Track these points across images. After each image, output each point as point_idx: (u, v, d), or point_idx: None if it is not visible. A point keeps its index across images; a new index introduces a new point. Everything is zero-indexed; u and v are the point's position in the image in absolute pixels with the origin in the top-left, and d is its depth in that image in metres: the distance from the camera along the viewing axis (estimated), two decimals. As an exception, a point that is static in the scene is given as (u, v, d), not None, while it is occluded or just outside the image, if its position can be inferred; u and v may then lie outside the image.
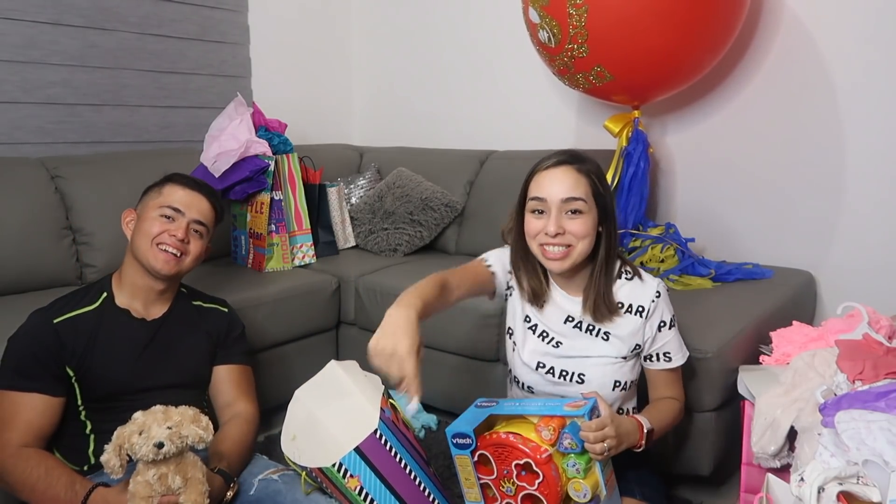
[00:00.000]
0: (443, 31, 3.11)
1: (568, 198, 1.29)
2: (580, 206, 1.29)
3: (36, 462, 1.29)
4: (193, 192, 1.50)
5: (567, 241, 1.30)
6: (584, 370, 1.37)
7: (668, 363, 1.40)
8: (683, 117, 2.47)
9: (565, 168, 1.31)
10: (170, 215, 1.46)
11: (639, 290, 1.38)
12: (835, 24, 2.13)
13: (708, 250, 2.41)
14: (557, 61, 2.05)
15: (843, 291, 2.13)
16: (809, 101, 2.20)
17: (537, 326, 1.42)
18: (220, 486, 1.32)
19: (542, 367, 1.40)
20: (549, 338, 1.41)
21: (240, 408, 1.53)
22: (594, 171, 1.33)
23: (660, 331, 1.38)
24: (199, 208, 1.50)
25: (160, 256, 1.43)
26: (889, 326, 1.46)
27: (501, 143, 2.89)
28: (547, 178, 1.31)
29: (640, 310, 1.36)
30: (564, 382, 1.39)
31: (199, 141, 2.46)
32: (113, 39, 2.52)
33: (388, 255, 2.61)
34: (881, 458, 0.98)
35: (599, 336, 1.38)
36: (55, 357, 1.36)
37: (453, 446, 1.26)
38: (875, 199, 2.13)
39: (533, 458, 1.16)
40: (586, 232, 1.30)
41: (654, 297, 1.36)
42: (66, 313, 1.40)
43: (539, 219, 1.32)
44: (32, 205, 2.08)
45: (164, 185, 1.50)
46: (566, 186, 1.29)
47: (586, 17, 1.88)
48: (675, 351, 1.40)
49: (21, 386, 1.34)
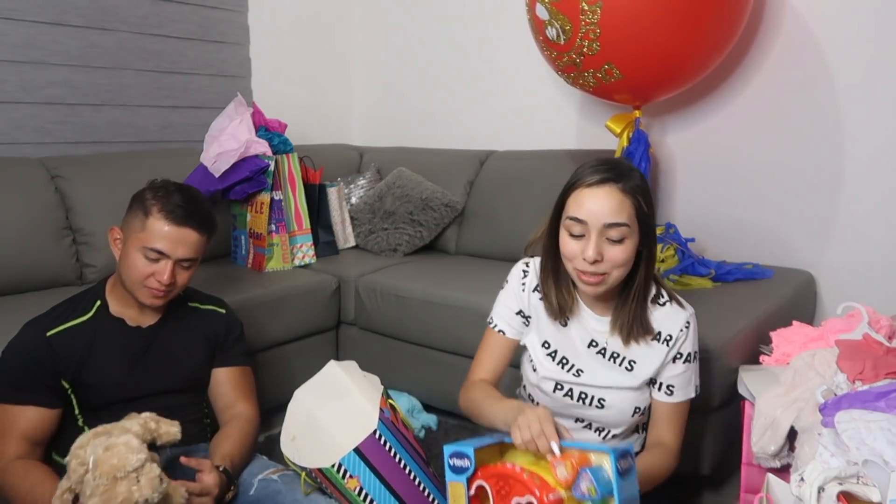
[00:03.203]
0: (443, 30, 3.11)
1: (610, 223, 1.17)
2: (623, 232, 1.18)
3: (22, 477, 1.28)
4: (179, 228, 1.37)
5: (605, 268, 1.20)
6: (604, 396, 1.31)
7: (669, 396, 1.31)
8: (684, 117, 2.47)
9: (609, 188, 1.18)
10: (154, 258, 1.36)
11: (671, 317, 1.30)
12: (836, 23, 2.13)
13: (708, 250, 2.41)
14: (565, 58, 2.04)
15: (843, 291, 2.13)
16: (810, 102, 2.20)
17: (557, 352, 1.34)
18: (224, 484, 1.32)
19: (559, 389, 1.33)
20: (570, 365, 1.33)
21: (240, 409, 1.53)
22: (640, 188, 1.20)
23: (673, 362, 1.30)
24: (187, 245, 1.39)
25: (147, 294, 1.39)
26: (889, 326, 1.46)
27: (501, 143, 2.89)
28: (588, 198, 1.18)
29: (667, 338, 1.29)
30: (583, 406, 1.32)
31: (199, 141, 2.46)
32: (113, 39, 2.52)
33: (388, 255, 2.61)
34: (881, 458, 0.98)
35: (623, 366, 1.30)
36: (50, 370, 1.35)
37: (449, 469, 1.07)
38: (875, 199, 2.12)
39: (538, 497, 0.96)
40: (627, 259, 1.20)
41: (683, 327, 1.29)
42: (60, 325, 1.38)
43: (577, 241, 1.20)
44: (32, 205, 2.08)
45: (147, 216, 1.37)
46: (609, 210, 1.17)
47: (600, 14, 1.87)
48: (679, 386, 1.31)
49: (16, 399, 1.33)
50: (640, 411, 1.33)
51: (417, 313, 2.14)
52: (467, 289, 2.12)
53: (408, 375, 2.23)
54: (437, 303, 2.09)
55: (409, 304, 2.16)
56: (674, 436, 1.32)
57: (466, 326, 2.03)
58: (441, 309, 2.08)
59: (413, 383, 2.23)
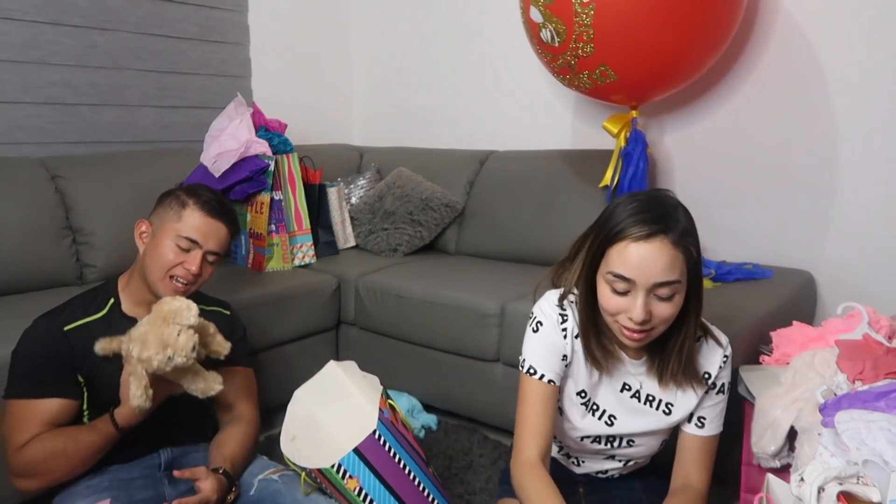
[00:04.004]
0: (443, 30, 3.11)
1: (662, 282, 1.05)
2: (675, 289, 1.07)
3: (50, 436, 1.29)
4: (213, 220, 1.45)
5: (652, 325, 1.09)
6: (634, 438, 1.27)
7: (700, 429, 1.24)
8: (681, 117, 2.47)
9: (661, 243, 1.05)
10: (186, 247, 1.42)
11: (709, 354, 1.22)
12: (830, 23, 2.13)
13: (708, 250, 2.41)
14: (560, 61, 2.05)
15: (843, 291, 2.13)
16: (807, 101, 2.20)
17: (590, 401, 1.25)
18: (224, 487, 1.32)
19: (587, 438, 1.28)
20: (601, 411, 1.25)
21: (241, 410, 1.53)
22: (689, 233, 1.08)
23: (707, 393, 1.23)
24: (218, 238, 1.46)
25: (169, 286, 1.41)
26: (889, 326, 1.46)
27: (501, 143, 2.89)
28: (636, 255, 1.05)
29: (706, 376, 1.22)
30: (611, 448, 1.29)
31: (199, 141, 2.46)
32: (113, 39, 2.52)
33: (388, 255, 2.61)
34: (881, 458, 0.98)
35: (660, 409, 1.23)
36: (69, 363, 1.35)
37: None
38: (875, 198, 2.13)
39: None
40: (675, 313, 1.10)
41: (721, 363, 1.22)
42: (76, 321, 1.38)
43: (621, 297, 1.09)
44: (32, 205, 2.08)
45: (184, 207, 1.44)
46: (661, 268, 1.04)
47: (593, 16, 1.88)
48: (711, 418, 1.24)
49: (38, 392, 1.32)
50: (664, 442, 1.31)
51: (417, 313, 2.15)
52: (467, 289, 2.12)
53: (408, 375, 2.23)
54: (437, 303, 2.09)
55: (409, 304, 2.16)
56: (703, 476, 1.25)
57: (466, 326, 2.03)
58: (441, 309, 2.08)
59: (413, 383, 2.23)
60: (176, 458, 1.45)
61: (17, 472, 1.30)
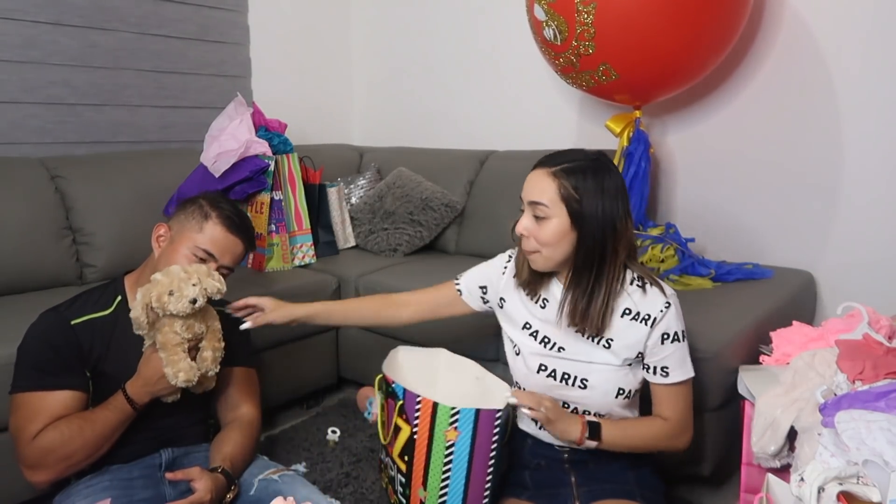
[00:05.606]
0: (443, 30, 3.11)
1: (531, 201, 1.29)
2: (542, 211, 1.28)
3: (65, 421, 1.29)
4: (232, 236, 1.47)
5: (532, 246, 1.31)
6: (587, 376, 1.35)
7: (665, 378, 1.33)
8: (684, 117, 2.47)
9: (539, 170, 1.31)
10: (203, 258, 1.43)
11: (650, 298, 1.32)
12: (836, 23, 2.13)
13: (708, 250, 2.41)
14: (562, 59, 2.05)
15: (843, 291, 2.13)
16: (810, 102, 2.20)
17: (538, 332, 1.40)
18: (223, 486, 1.32)
19: (543, 370, 1.38)
20: (552, 343, 1.38)
21: (242, 410, 1.53)
22: (573, 172, 1.28)
23: (662, 343, 1.32)
24: (234, 254, 1.48)
25: None
26: (889, 326, 1.46)
27: (502, 143, 2.89)
28: (527, 178, 1.33)
29: (646, 318, 1.31)
30: (566, 386, 1.36)
31: (199, 141, 2.46)
32: (113, 39, 2.52)
33: (388, 255, 2.61)
34: (881, 458, 0.98)
35: (601, 344, 1.34)
36: (77, 355, 1.35)
37: None
38: (875, 198, 2.12)
39: None
40: (550, 238, 1.28)
41: (663, 308, 1.31)
42: (83, 316, 1.38)
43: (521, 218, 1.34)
44: (32, 205, 2.08)
45: (206, 220, 1.45)
46: (532, 189, 1.30)
47: (594, 15, 1.88)
48: (673, 367, 1.33)
49: (47, 384, 1.31)
50: (623, 393, 1.35)
51: (417, 313, 2.14)
52: (467, 289, 2.11)
53: (408, 375, 2.23)
54: (437, 303, 2.09)
55: (409, 304, 2.16)
56: (672, 411, 1.35)
57: (466, 326, 2.03)
58: (441, 309, 2.08)
59: (413, 383, 2.22)
60: (177, 458, 1.45)
61: (30, 462, 1.28)
